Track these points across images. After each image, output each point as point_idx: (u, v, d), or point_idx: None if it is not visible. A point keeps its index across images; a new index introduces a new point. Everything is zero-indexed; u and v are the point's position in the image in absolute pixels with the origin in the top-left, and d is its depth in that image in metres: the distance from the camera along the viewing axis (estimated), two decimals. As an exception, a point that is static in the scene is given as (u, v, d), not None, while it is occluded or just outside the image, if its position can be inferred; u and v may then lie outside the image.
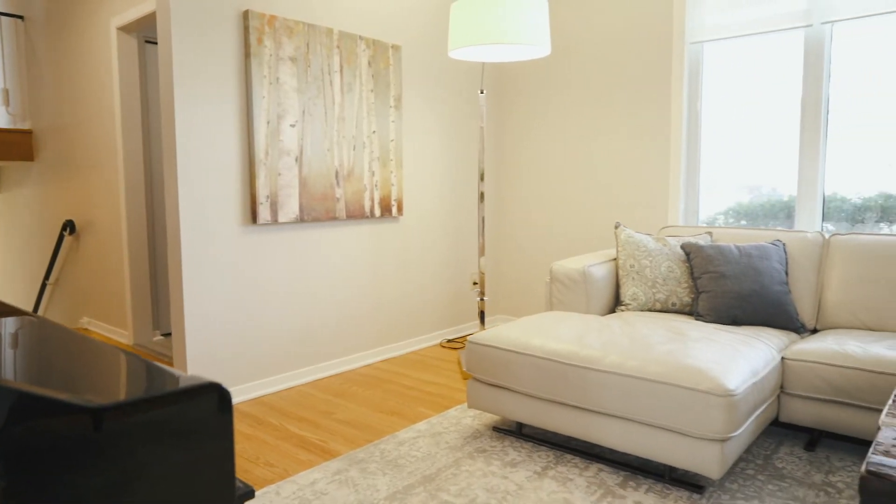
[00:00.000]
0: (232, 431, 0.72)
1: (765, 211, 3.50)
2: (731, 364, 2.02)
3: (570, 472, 2.19)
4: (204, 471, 0.70)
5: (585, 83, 3.94)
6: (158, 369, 0.75)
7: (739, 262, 2.70)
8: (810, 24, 3.18)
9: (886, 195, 3.19)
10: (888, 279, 2.58)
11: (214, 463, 0.71)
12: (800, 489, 2.05)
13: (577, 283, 2.89)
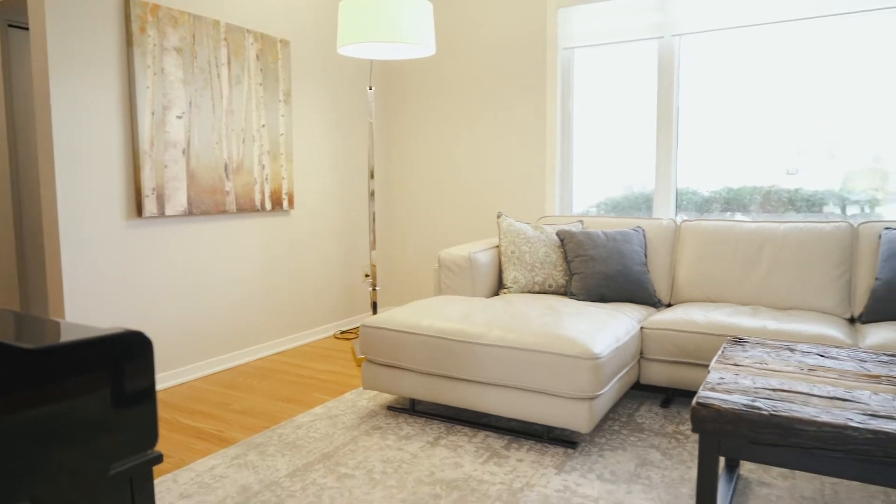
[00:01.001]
0: (153, 374, 0.81)
1: (629, 202, 3.90)
2: (598, 333, 2.29)
3: (459, 440, 2.38)
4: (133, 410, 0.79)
5: (469, 83, 4.17)
6: (85, 326, 0.82)
7: (606, 246, 3.02)
8: (662, 35, 3.59)
9: (729, 188, 3.67)
10: (726, 258, 3.00)
11: (141, 402, 0.79)
12: (656, 439, 2.36)
13: (464, 269, 3.09)
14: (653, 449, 2.28)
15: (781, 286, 2.85)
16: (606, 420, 2.56)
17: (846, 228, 2.85)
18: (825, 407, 1.43)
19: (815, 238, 2.86)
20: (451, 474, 2.09)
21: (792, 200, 3.52)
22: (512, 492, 1.97)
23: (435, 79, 4.30)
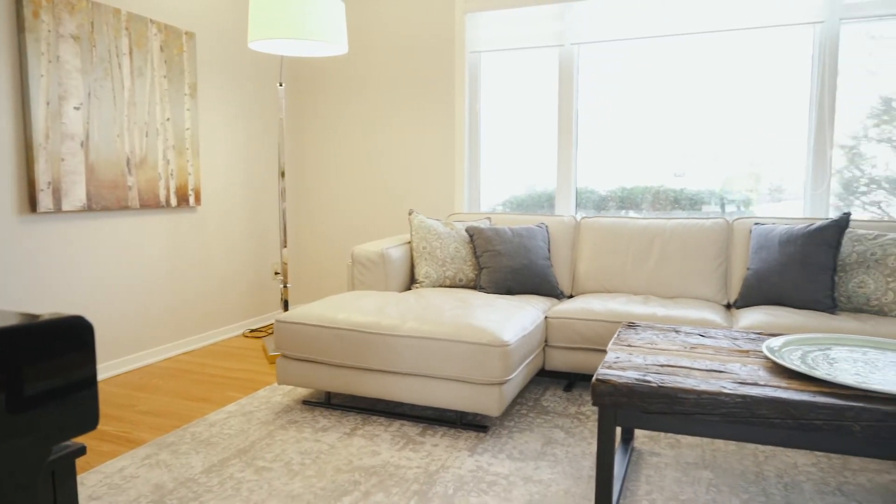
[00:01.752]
0: (95, 356, 0.83)
1: (532, 200, 4.11)
2: (506, 323, 2.43)
3: (376, 430, 2.44)
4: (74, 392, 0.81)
5: (381, 82, 4.23)
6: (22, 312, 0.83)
7: (513, 242, 3.19)
8: (563, 44, 3.81)
9: (623, 188, 3.95)
10: (621, 252, 3.24)
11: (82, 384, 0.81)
12: (560, 419, 2.54)
13: (377, 265, 3.16)
14: (557, 429, 2.45)
15: (669, 277, 3.13)
16: (515, 405, 2.71)
17: (723, 224, 3.17)
18: (704, 378, 1.63)
19: (697, 233, 3.16)
20: (369, 461, 2.16)
21: (678, 199, 3.85)
22: (428, 474, 2.07)
23: (347, 77, 4.33)
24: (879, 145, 3.61)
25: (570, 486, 1.99)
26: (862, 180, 3.66)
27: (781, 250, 2.78)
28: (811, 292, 2.66)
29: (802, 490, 1.96)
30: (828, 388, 1.54)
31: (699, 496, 1.92)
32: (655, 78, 3.75)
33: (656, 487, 1.98)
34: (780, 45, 3.51)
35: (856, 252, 2.72)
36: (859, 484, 2.00)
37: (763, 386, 1.56)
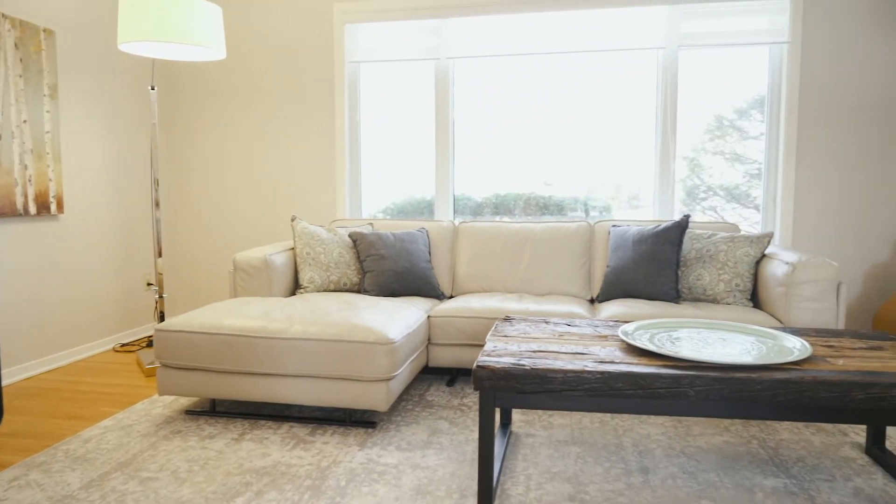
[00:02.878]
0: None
1: (412, 207, 4.26)
2: (392, 322, 2.55)
3: (265, 433, 2.46)
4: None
5: (261, 89, 4.21)
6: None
7: (395, 246, 3.31)
8: (439, 57, 4.01)
9: (497, 194, 4.21)
10: (496, 254, 3.47)
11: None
12: (444, 412, 2.69)
13: (260, 271, 3.15)
14: (442, 420, 2.59)
15: (540, 276, 3.40)
16: (401, 400, 2.83)
17: (586, 227, 3.49)
18: (569, 360, 1.84)
19: (564, 235, 3.46)
20: (260, 463, 2.18)
21: (546, 205, 4.17)
22: (320, 469, 2.13)
23: (226, 83, 4.25)
24: (715, 157, 4.14)
25: (456, 469, 2.14)
26: (701, 187, 4.17)
27: (634, 249, 3.13)
28: (659, 285, 3.02)
29: (654, 455, 2.24)
30: (669, 361, 1.81)
31: (569, 468, 2.14)
32: (525, 92, 4.05)
33: (532, 464, 2.18)
34: (632, 66, 3.93)
35: (694, 249, 3.12)
36: (698, 446, 2.32)
37: (618, 363, 1.80)
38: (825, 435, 2.42)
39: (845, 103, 3.60)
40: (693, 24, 3.72)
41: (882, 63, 3.54)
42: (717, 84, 3.91)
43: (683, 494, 1.96)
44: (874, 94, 3.56)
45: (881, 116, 3.57)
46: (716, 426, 2.51)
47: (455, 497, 1.94)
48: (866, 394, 1.63)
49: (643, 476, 2.08)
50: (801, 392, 1.66)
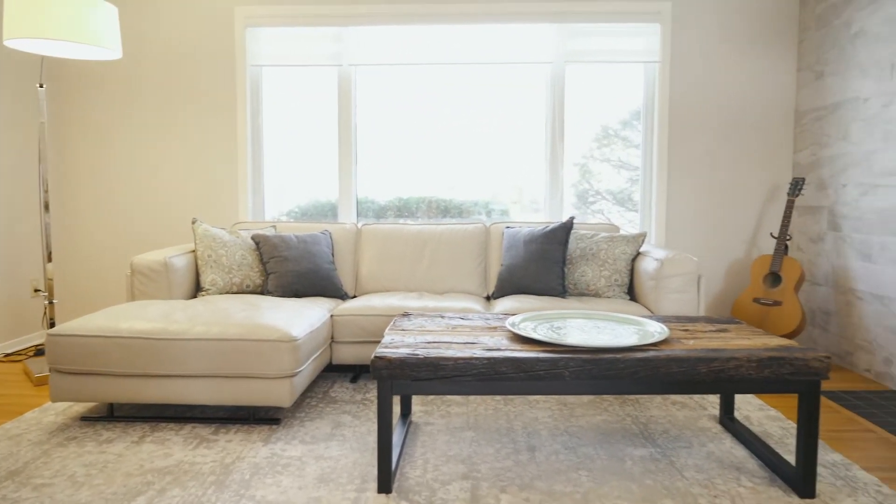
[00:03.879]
0: None
1: (316, 210, 4.33)
2: (295, 320, 2.63)
3: (167, 435, 2.47)
4: None
5: (160, 91, 4.13)
6: None
7: (298, 248, 3.38)
8: (341, 64, 4.10)
9: (400, 198, 4.36)
10: (398, 255, 3.62)
11: None
12: (347, 406, 2.80)
13: (159, 274, 3.12)
14: (345, 414, 2.70)
15: (440, 275, 3.57)
16: (305, 397, 2.91)
17: (482, 228, 3.71)
18: (461, 349, 2.01)
19: (462, 237, 3.65)
20: (162, 463, 2.20)
21: (448, 209, 4.37)
22: (224, 465, 2.18)
23: (123, 83, 4.14)
24: (602, 164, 4.49)
25: (358, 458, 2.25)
26: (591, 192, 4.52)
27: (525, 249, 3.37)
28: (548, 281, 3.27)
29: (541, 435, 2.46)
30: (549, 347, 2.02)
31: (463, 450, 2.32)
32: (427, 100, 4.23)
33: (430, 449, 2.33)
34: (525, 78, 4.20)
35: (579, 248, 3.41)
36: (580, 426, 2.56)
37: (504, 350, 1.99)
38: (687, 410, 2.74)
39: (708, 116, 4.03)
40: (578, 42, 4.04)
41: (737, 82, 4.00)
42: (603, 97, 4.25)
43: (564, 466, 2.18)
44: (732, 108, 4.02)
45: (738, 128, 4.03)
46: (596, 407, 2.78)
47: (357, 483, 2.06)
48: (709, 367, 1.91)
49: (530, 453, 2.29)
50: (657, 368, 1.91)
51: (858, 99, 3.38)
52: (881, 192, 3.20)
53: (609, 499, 1.95)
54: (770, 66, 4.00)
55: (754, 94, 4.01)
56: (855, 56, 3.42)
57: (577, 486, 2.03)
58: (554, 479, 2.08)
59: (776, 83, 4.00)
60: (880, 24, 3.21)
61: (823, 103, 3.71)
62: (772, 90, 4.01)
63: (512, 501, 1.93)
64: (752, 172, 4.06)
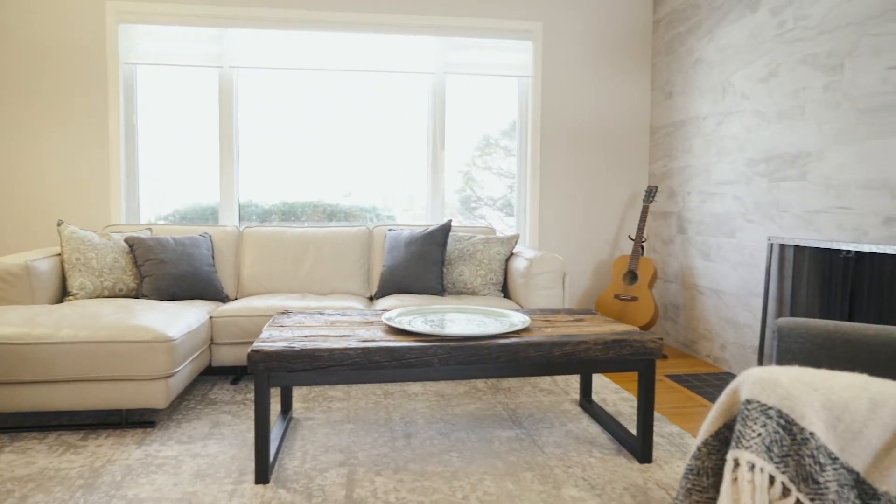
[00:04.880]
0: None
1: (196, 214, 4.24)
2: (171, 321, 2.60)
3: (28, 444, 2.36)
4: None
5: (23, 86, 3.88)
6: None
7: (176, 250, 3.32)
8: (222, 66, 4.07)
9: (285, 202, 4.36)
10: (280, 257, 3.64)
11: None
12: (227, 407, 2.80)
13: (20, 278, 2.96)
14: (225, 414, 2.70)
15: (323, 276, 3.63)
16: (183, 400, 2.87)
17: (365, 231, 3.81)
18: (337, 341, 2.11)
19: (345, 239, 3.74)
20: (23, 471, 2.12)
21: (334, 213, 4.43)
22: (93, 469, 2.13)
23: (-32, 74, 3.85)
24: (484, 172, 4.73)
25: (237, 453, 2.28)
26: (473, 198, 4.74)
27: (406, 250, 3.52)
28: (427, 281, 3.43)
29: (417, 424, 2.60)
30: (420, 337, 2.16)
31: (342, 441, 2.40)
32: (313, 105, 4.27)
33: (309, 441, 2.40)
34: (409, 87, 4.36)
35: (457, 249, 3.60)
36: (455, 414, 2.73)
37: (378, 341, 2.10)
38: (552, 395, 2.98)
39: (576, 129, 4.39)
40: (458, 54, 4.26)
41: (601, 98, 4.39)
42: (484, 108, 4.50)
43: (437, 450, 2.32)
44: (596, 122, 4.40)
45: (602, 140, 4.41)
46: (470, 397, 2.96)
47: (234, 476, 2.09)
48: (562, 350, 2.13)
49: (406, 440, 2.42)
50: (517, 353, 2.11)
51: (699, 118, 3.84)
52: (717, 200, 3.64)
53: (476, 475, 2.12)
54: (629, 85, 4.42)
55: (616, 109, 4.42)
56: (696, 80, 3.87)
57: (448, 466, 2.18)
58: (427, 461, 2.22)
59: (634, 101, 4.43)
60: (715, 52, 3.67)
61: (672, 120, 4.15)
62: (631, 107, 4.43)
63: (386, 483, 2.05)
64: (614, 181, 4.45)
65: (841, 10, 2.71)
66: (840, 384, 1.03)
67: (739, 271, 3.42)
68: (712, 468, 1.12)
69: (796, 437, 1.00)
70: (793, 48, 3.01)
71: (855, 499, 0.97)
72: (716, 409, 1.14)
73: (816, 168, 2.85)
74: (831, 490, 0.97)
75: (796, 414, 1.01)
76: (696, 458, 1.14)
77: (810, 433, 1.00)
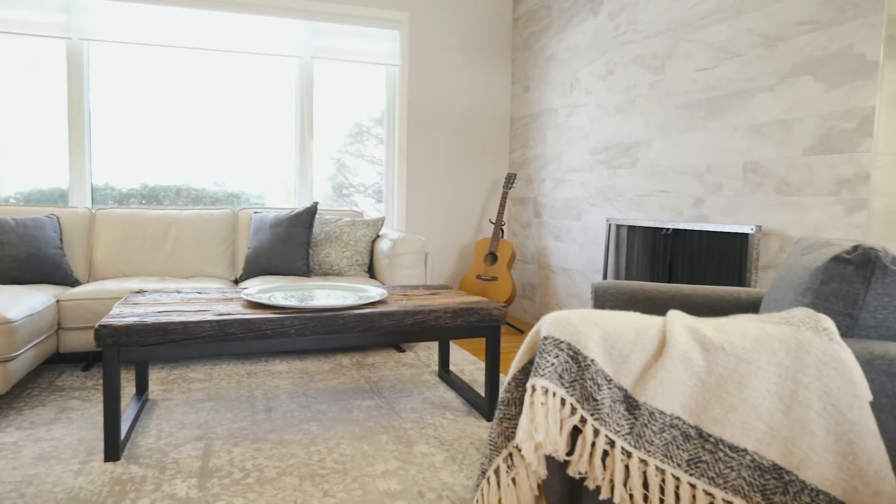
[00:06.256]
0: None
1: (43, 196, 3.96)
2: (11, 304, 2.46)
3: None
4: None
5: None
6: None
7: (17, 232, 3.11)
8: (70, 37, 3.82)
9: (146, 185, 4.18)
10: (138, 240, 3.51)
11: None
12: (76, 392, 2.68)
13: None
14: (74, 400, 2.60)
15: (184, 259, 3.55)
16: (27, 388, 2.71)
17: (230, 213, 3.76)
18: (193, 315, 2.11)
19: (209, 221, 3.67)
20: None
21: (201, 198, 4.31)
22: (-82, 458, 1.99)
23: None
24: (357, 159, 4.80)
25: (86, 435, 2.22)
26: (346, 185, 4.80)
27: (272, 232, 3.52)
28: (293, 262, 3.47)
29: (279, 399, 2.65)
30: (278, 310, 2.22)
31: (201, 418, 2.41)
32: (178, 85, 4.12)
33: (165, 420, 2.38)
34: (277, 70, 4.32)
35: (324, 231, 3.66)
36: (318, 388, 2.81)
37: (235, 315, 2.14)
38: (414, 368, 3.14)
39: (442, 118, 4.58)
40: (325, 39, 4.29)
41: (465, 89, 4.61)
42: (356, 95, 4.56)
43: (297, 420, 2.40)
44: (461, 111, 4.61)
45: (467, 129, 4.64)
46: (335, 373, 3.05)
47: (82, 456, 2.04)
48: (414, 319, 2.28)
49: (267, 414, 2.47)
50: (372, 322, 2.23)
51: (552, 110, 4.15)
52: (566, 186, 3.97)
53: (333, 440, 2.22)
54: (491, 78, 4.67)
55: (480, 100, 4.65)
56: (548, 75, 4.19)
57: (307, 434, 2.26)
58: (286, 431, 2.29)
59: (496, 93, 4.69)
60: (564, 50, 3.99)
61: (529, 112, 4.45)
62: (493, 98, 4.69)
63: (244, 452, 2.10)
64: (478, 168, 4.70)
65: (662, 18, 3.07)
66: (616, 320, 1.24)
67: (585, 251, 3.77)
68: (519, 398, 1.30)
69: (581, 365, 1.20)
70: (626, 49, 3.36)
71: (624, 411, 1.18)
72: (523, 348, 1.32)
73: (645, 157, 3.21)
74: (606, 405, 1.18)
75: (581, 345, 1.21)
76: (506, 392, 1.32)
77: (591, 360, 1.20)
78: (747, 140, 2.59)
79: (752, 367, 1.13)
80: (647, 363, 1.19)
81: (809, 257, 1.36)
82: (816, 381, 1.09)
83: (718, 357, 1.15)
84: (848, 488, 1.06)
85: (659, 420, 1.16)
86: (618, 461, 1.16)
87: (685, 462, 1.14)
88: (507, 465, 1.26)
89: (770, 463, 1.11)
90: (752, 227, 2.50)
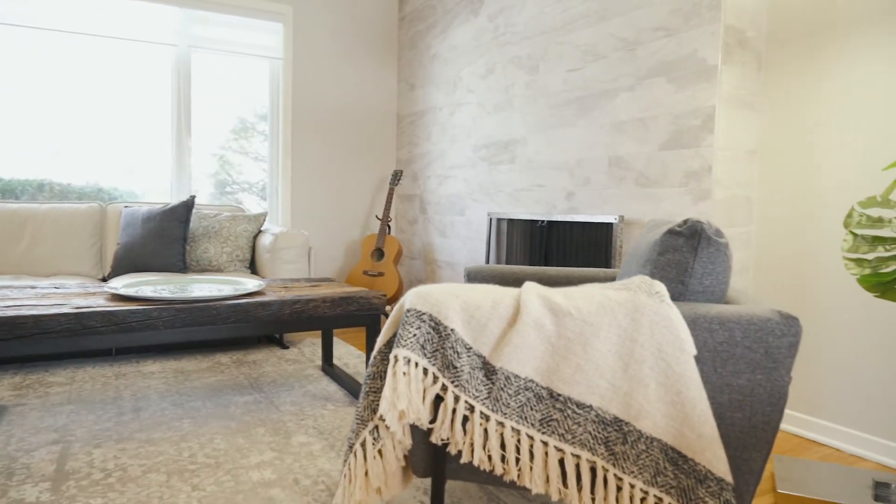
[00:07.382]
0: None
1: None
2: None
3: None
4: None
5: None
6: None
7: None
8: None
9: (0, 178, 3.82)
10: (-12, 235, 3.20)
11: None
12: None
13: None
14: None
15: (44, 256, 3.29)
16: None
17: (97, 208, 3.52)
18: (47, 309, 1.97)
19: (72, 216, 3.42)
20: None
21: (66, 194, 3.99)
22: None
23: None
24: (241, 156, 4.64)
25: (-82, 445, 2.00)
26: (229, 182, 4.62)
27: (144, 226, 3.34)
28: (167, 258, 3.30)
29: (150, 399, 2.52)
30: (145, 303, 2.12)
31: (59, 422, 2.24)
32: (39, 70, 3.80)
33: (17, 426, 2.19)
34: (152, 59, 4.10)
35: (202, 226, 3.51)
36: (193, 387, 2.69)
37: (97, 308, 2.01)
38: (297, 364, 3.09)
39: (327, 114, 4.54)
40: (203, 28, 4.13)
41: (351, 86, 4.60)
42: (238, 89, 4.41)
43: (168, 419, 2.29)
44: (348, 108, 4.60)
45: (354, 126, 4.63)
46: (212, 371, 2.94)
47: (-87, 467, 1.85)
48: (292, 309, 2.25)
49: (135, 414, 2.34)
50: (248, 312, 2.18)
51: (436, 108, 4.24)
52: (450, 182, 4.07)
53: (207, 435, 2.14)
54: (378, 76, 4.69)
55: (366, 98, 4.66)
56: (433, 74, 4.27)
57: (178, 432, 2.17)
58: (155, 430, 2.18)
59: (383, 90, 4.72)
60: (448, 50, 4.09)
61: (415, 110, 4.52)
62: (380, 96, 4.71)
63: (106, 453, 1.98)
64: (365, 165, 4.70)
65: (536, 21, 3.23)
66: (475, 291, 1.30)
67: (468, 244, 3.87)
68: (384, 371, 1.32)
69: (442, 335, 1.25)
70: (504, 50, 3.50)
71: (482, 377, 1.24)
72: (388, 322, 1.35)
73: (522, 153, 3.36)
74: (465, 372, 1.23)
75: (442, 316, 1.26)
76: (372, 366, 1.34)
77: (451, 329, 1.25)
78: (612, 137, 2.79)
79: (595, 329, 1.23)
80: (503, 330, 1.26)
81: (651, 234, 1.49)
82: (650, 339, 1.20)
83: (566, 322, 1.24)
84: (677, 434, 1.18)
85: (514, 383, 1.23)
86: (477, 425, 1.21)
87: (538, 422, 1.22)
88: (374, 438, 1.28)
89: (612, 416, 1.20)
90: (615, 217, 2.69)
